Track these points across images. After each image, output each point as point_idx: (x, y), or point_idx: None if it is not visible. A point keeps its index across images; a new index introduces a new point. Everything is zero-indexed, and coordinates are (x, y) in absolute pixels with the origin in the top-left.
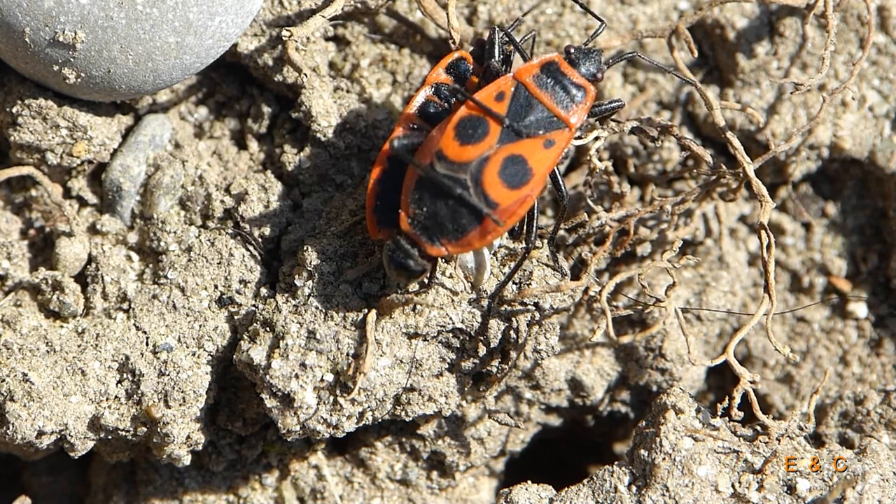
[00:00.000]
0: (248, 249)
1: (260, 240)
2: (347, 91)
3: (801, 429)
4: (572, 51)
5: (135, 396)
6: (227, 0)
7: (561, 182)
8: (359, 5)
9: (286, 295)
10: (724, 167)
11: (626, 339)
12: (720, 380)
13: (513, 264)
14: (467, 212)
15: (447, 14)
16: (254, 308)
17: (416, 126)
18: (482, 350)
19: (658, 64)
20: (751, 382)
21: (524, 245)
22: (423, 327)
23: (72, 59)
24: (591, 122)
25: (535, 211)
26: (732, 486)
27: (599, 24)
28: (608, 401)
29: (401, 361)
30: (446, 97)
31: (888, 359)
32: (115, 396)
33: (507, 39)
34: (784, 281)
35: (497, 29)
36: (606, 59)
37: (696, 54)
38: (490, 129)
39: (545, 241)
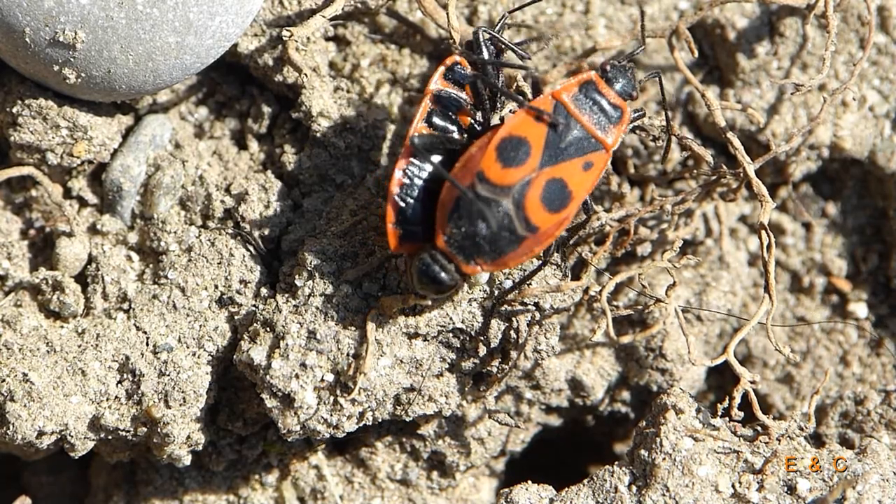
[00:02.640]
0: (248, 249)
1: (260, 240)
2: (348, 91)
3: (801, 429)
4: (608, 69)
5: (135, 396)
6: (228, 0)
7: (590, 202)
8: (359, 5)
9: (286, 295)
10: (724, 167)
11: (626, 339)
12: (720, 380)
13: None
14: (507, 235)
15: (447, 14)
16: (254, 308)
17: (436, 136)
18: (482, 350)
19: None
20: (751, 382)
21: (543, 258)
22: (423, 327)
23: (72, 59)
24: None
25: None
26: (733, 486)
27: (638, 46)
28: (608, 401)
29: (401, 361)
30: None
31: (888, 359)
32: (116, 396)
33: (493, 38)
34: (784, 281)
35: (482, 30)
36: (640, 78)
37: (696, 54)
38: (532, 150)
39: (552, 255)
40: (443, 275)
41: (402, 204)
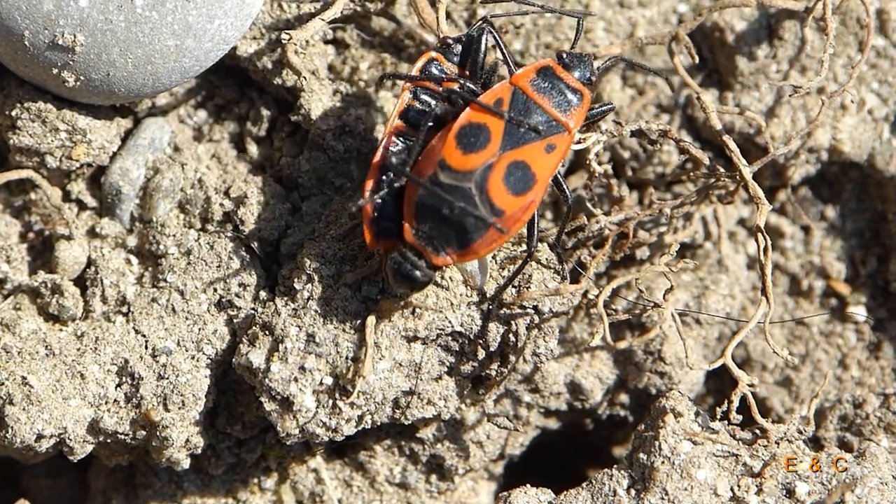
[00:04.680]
0: (247, 253)
1: (259, 243)
2: (347, 94)
3: (800, 432)
4: (565, 55)
5: (134, 400)
6: (227, 3)
7: (564, 184)
8: (358, 9)
9: (285, 298)
10: (721, 170)
11: (624, 344)
12: (719, 383)
13: (513, 268)
14: (473, 221)
15: (437, 18)
16: (253, 311)
17: (405, 136)
18: (481, 353)
19: (644, 66)
20: (749, 386)
21: (526, 249)
22: (422, 331)
23: (71, 63)
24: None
25: (536, 215)
26: (731, 489)
27: (579, 19)
28: (607, 404)
29: (400, 365)
30: (433, 101)
31: (887, 362)
32: (115, 400)
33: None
34: (783, 284)
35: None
36: (598, 64)
37: (696, 60)
38: (492, 135)
39: (545, 244)
40: (415, 272)
41: (378, 201)
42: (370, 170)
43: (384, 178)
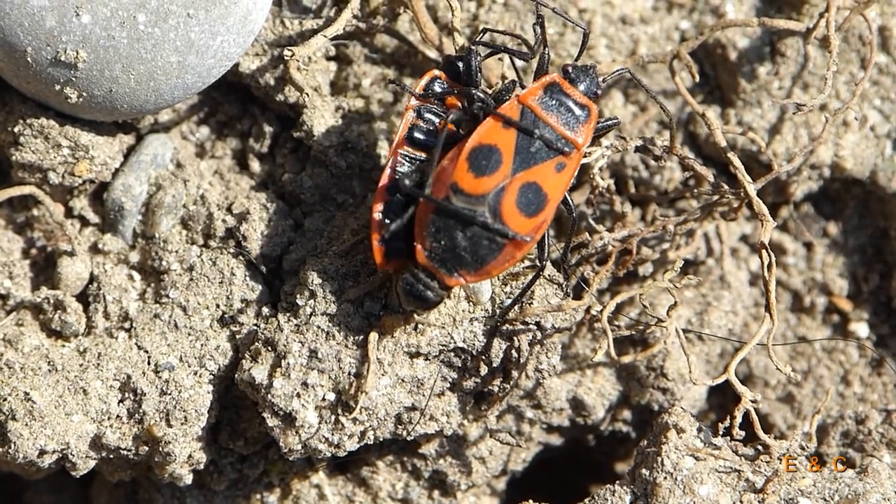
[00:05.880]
0: (249, 269)
1: (261, 259)
2: (349, 110)
3: (802, 448)
4: (570, 69)
5: (136, 415)
6: (229, 20)
7: (570, 200)
8: (360, 25)
9: (288, 314)
10: (725, 186)
11: (627, 359)
12: (722, 399)
13: (515, 283)
14: (486, 243)
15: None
16: (255, 327)
17: (413, 156)
18: (484, 369)
19: (645, 87)
20: (752, 402)
21: (538, 265)
22: (424, 346)
23: (73, 79)
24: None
25: (547, 232)
26: None
27: (584, 32)
28: (609, 420)
29: (402, 380)
30: (437, 119)
31: (889, 378)
32: (117, 415)
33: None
34: (785, 300)
35: (473, 50)
36: (603, 76)
37: (697, 79)
38: (503, 157)
39: (547, 260)
40: (427, 293)
41: (386, 220)
42: (377, 191)
43: (394, 198)
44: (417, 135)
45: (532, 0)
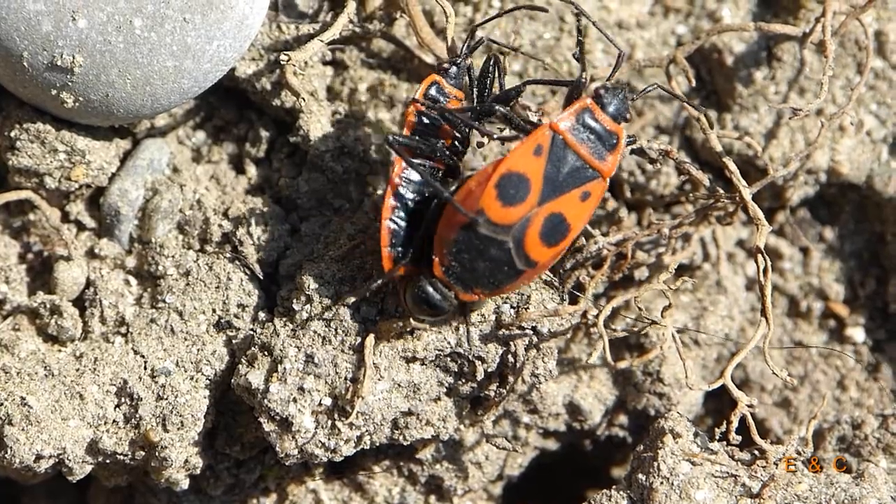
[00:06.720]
0: (245, 273)
1: (258, 264)
2: (345, 115)
3: (798, 453)
4: (602, 93)
5: (133, 420)
6: (226, 24)
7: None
8: (357, 30)
9: (284, 319)
10: (720, 191)
11: (623, 364)
12: (718, 404)
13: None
14: (506, 269)
15: (449, 40)
16: (252, 332)
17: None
18: (480, 374)
19: (679, 96)
20: (748, 407)
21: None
22: (420, 351)
23: (70, 84)
24: None
25: None
26: None
27: (619, 54)
28: (606, 425)
29: (399, 385)
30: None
31: (886, 383)
32: (113, 420)
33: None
34: (782, 305)
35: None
36: (634, 94)
37: (693, 83)
38: (532, 186)
39: None
40: (443, 303)
41: (395, 226)
42: (385, 194)
43: (403, 202)
44: (419, 138)
45: (574, 14)
